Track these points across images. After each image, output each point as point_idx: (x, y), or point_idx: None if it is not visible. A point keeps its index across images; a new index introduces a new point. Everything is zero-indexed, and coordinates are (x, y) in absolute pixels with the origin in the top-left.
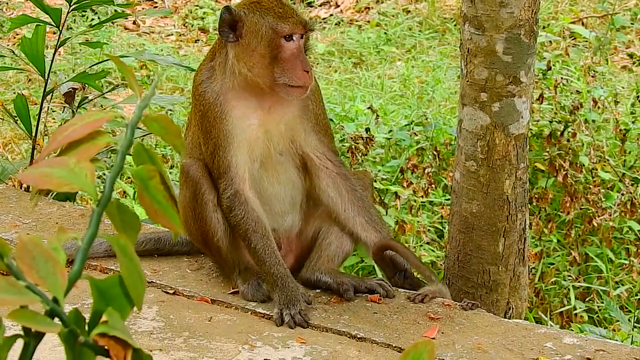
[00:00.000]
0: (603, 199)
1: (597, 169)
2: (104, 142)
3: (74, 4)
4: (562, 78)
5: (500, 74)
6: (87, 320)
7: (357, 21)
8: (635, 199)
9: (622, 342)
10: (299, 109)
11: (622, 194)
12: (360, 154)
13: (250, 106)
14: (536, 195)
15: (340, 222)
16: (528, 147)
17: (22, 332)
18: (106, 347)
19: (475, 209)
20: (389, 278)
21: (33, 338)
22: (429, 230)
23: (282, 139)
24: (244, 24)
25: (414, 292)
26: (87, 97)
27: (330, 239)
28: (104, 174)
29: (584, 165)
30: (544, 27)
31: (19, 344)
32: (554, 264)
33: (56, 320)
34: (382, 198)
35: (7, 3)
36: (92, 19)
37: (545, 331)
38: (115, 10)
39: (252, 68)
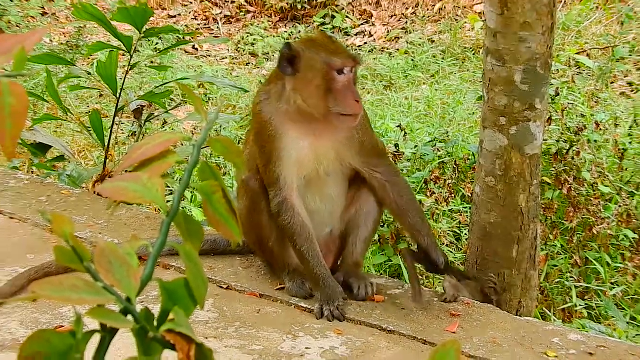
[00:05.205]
0: (602, 210)
1: (597, 184)
2: (174, 160)
3: (144, 32)
4: (568, 103)
5: (518, 101)
6: (155, 317)
7: (388, 49)
8: (630, 210)
9: (619, 338)
10: (346, 137)
11: (620, 206)
12: None
13: (302, 130)
14: (543, 206)
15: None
16: (541, 165)
17: (99, 328)
18: (172, 342)
19: (493, 219)
20: (426, 268)
21: (108, 333)
22: (448, 234)
23: (331, 163)
24: (301, 59)
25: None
26: (153, 113)
27: (360, 229)
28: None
29: (586, 180)
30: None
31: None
32: (557, 266)
33: (129, 317)
34: None
35: (83, 27)
36: (157, 43)
37: (553, 328)
38: (179, 38)
39: (307, 99)
